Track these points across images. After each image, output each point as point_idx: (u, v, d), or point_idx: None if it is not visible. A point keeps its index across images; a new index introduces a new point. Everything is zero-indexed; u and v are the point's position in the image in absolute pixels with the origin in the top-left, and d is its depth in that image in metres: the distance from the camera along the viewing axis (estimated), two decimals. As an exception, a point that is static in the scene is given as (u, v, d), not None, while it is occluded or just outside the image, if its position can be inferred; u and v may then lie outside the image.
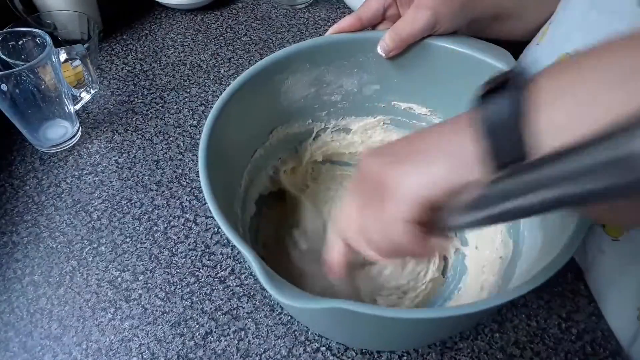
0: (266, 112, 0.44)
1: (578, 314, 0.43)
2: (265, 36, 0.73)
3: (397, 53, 0.43)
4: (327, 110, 0.48)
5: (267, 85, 0.43)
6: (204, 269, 0.46)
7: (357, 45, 0.44)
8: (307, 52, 0.43)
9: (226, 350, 0.41)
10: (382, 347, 0.41)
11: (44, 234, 0.48)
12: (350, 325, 0.35)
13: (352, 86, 0.47)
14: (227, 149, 0.39)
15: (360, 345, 0.41)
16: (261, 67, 0.41)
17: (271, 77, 0.42)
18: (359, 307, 0.27)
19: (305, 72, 0.44)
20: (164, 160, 0.56)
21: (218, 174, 0.36)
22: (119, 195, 0.52)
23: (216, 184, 0.34)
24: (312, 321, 0.39)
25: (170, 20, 0.76)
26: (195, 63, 0.68)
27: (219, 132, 0.37)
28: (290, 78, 0.44)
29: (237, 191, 0.42)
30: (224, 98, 0.39)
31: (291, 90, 0.45)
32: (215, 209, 0.32)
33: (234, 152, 0.41)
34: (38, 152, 0.56)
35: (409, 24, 0.41)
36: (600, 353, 0.41)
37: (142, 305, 0.44)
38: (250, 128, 0.43)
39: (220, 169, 0.36)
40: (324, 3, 0.80)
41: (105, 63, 0.68)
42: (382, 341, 0.39)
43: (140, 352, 0.41)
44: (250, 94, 0.41)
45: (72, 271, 0.46)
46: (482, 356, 0.41)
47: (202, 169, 0.34)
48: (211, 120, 0.37)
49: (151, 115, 0.60)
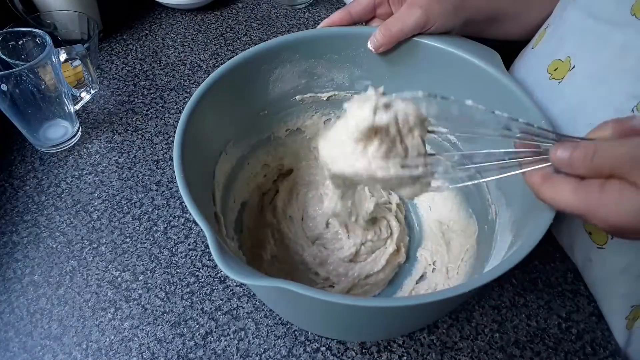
0: (255, 100, 0.45)
1: (578, 314, 0.43)
2: (265, 36, 0.73)
3: (387, 49, 0.43)
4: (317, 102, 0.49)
5: (255, 74, 0.43)
6: (204, 269, 0.46)
7: (347, 39, 0.44)
8: (296, 43, 0.44)
9: (226, 350, 0.41)
10: (336, 335, 0.41)
11: (44, 234, 0.48)
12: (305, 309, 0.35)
13: (344, 80, 0.47)
14: (204, 137, 0.39)
15: (322, 332, 0.41)
16: (250, 55, 0.42)
17: (260, 65, 0.43)
18: (298, 288, 0.27)
19: (295, 63, 0.45)
20: (164, 160, 0.56)
21: (194, 159, 0.36)
22: (119, 195, 0.52)
23: (192, 169, 0.35)
24: (276, 305, 0.40)
25: (170, 20, 0.76)
26: (195, 63, 0.68)
27: (198, 118, 0.37)
28: (279, 68, 0.44)
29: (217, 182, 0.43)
30: (208, 83, 0.39)
31: (280, 80, 0.45)
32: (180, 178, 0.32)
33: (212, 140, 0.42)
34: (38, 152, 0.56)
35: (400, 21, 0.42)
36: (600, 353, 0.41)
37: (142, 305, 0.44)
38: (235, 116, 0.43)
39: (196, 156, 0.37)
40: (324, 3, 0.80)
41: (105, 63, 0.68)
42: (335, 327, 0.39)
43: (140, 352, 0.41)
44: (237, 81, 0.41)
45: (72, 271, 0.46)
46: (482, 356, 0.41)
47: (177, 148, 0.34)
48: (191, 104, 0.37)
49: (151, 115, 0.60)
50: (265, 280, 0.28)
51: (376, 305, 0.28)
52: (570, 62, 0.40)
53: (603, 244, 0.41)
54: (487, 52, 0.42)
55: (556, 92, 0.41)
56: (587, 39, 0.39)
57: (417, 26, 0.42)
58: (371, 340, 0.42)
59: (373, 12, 0.46)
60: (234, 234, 0.44)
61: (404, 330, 0.41)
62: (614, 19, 0.37)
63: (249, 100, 0.44)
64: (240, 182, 0.46)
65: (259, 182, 0.49)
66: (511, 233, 0.36)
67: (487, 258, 0.38)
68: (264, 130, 0.48)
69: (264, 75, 0.44)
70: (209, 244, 0.29)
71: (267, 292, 0.36)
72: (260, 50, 0.42)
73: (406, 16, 0.41)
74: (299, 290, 0.27)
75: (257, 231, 0.47)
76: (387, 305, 0.29)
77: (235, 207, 0.46)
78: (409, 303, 0.29)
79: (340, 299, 0.28)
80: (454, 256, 0.45)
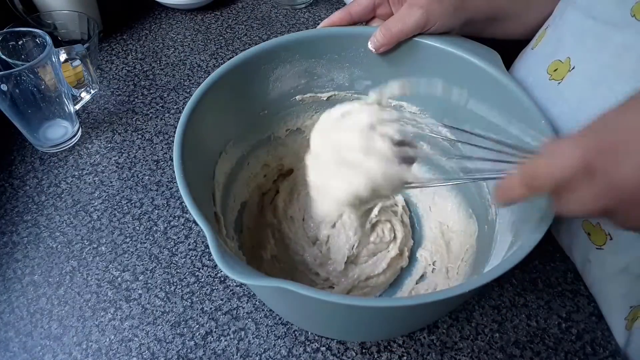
0: (255, 100, 0.45)
1: (578, 314, 0.43)
2: (265, 36, 0.73)
3: (387, 49, 0.43)
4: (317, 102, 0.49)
5: (255, 74, 0.43)
6: (204, 269, 0.46)
7: (347, 39, 0.44)
8: (296, 43, 0.44)
9: (226, 350, 0.41)
10: (336, 335, 0.41)
11: (44, 234, 0.48)
12: (305, 309, 0.35)
13: (344, 80, 0.47)
14: (204, 137, 0.39)
15: (322, 332, 0.41)
16: (250, 55, 0.42)
17: (260, 65, 0.43)
18: (298, 288, 0.27)
19: (295, 63, 0.45)
20: (164, 160, 0.56)
21: (194, 159, 0.36)
22: (119, 195, 0.52)
23: (192, 169, 0.35)
24: (276, 305, 0.40)
25: (170, 20, 0.76)
26: (195, 63, 0.68)
27: (198, 118, 0.37)
28: (279, 67, 0.44)
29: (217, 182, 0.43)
30: (208, 83, 0.39)
31: (280, 80, 0.45)
32: (180, 178, 0.32)
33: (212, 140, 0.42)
34: (38, 152, 0.56)
35: (400, 21, 0.42)
36: (600, 353, 0.41)
37: (142, 305, 0.44)
38: (235, 116, 0.44)
39: (196, 155, 0.37)
40: (324, 3, 0.80)
41: (105, 63, 0.68)
42: (335, 328, 0.39)
43: (140, 352, 0.41)
44: (237, 81, 0.42)
45: (72, 271, 0.46)
46: (482, 356, 0.41)
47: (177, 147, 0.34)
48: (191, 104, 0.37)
49: (151, 115, 0.60)
50: (266, 280, 0.28)
51: (376, 305, 0.28)
52: (570, 62, 0.40)
53: (602, 245, 0.41)
54: (487, 52, 0.42)
55: (556, 93, 0.41)
56: (587, 40, 0.39)
57: (417, 26, 0.42)
58: (371, 340, 0.42)
59: (373, 12, 0.46)
60: (234, 234, 0.44)
61: (404, 330, 0.41)
62: (613, 20, 0.37)
63: (249, 100, 0.44)
64: (240, 182, 0.46)
65: (259, 182, 0.49)
66: (511, 233, 0.36)
67: (487, 258, 0.38)
68: (264, 130, 0.48)
69: (264, 75, 0.44)
70: (209, 244, 0.29)
71: (267, 292, 0.36)
72: (260, 51, 0.42)
73: (406, 16, 0.42)
74: (299, 290, 0.27)
75: (257, 231, 0.47)
76: (387, 305, 0.29)
77: (235, 207, 0.46)
78: (408, 303, 0.29)
79: (340, 299, 0.28)
80: (454, 256, 0.45)
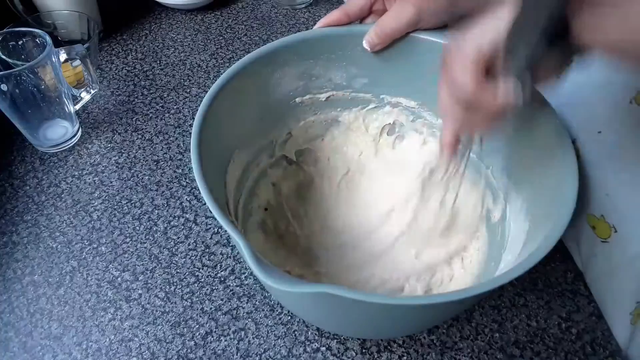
0: (258, 104, 0.45)
1: (578, 314, 0.43)
2: (265, 36, 0.73)
3: (382, 47, 0.43)
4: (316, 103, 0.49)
5: (257, 78, 0.43)
6: (204, 269, 0.46)
7: (344, 38, 0.44)
8: (293, 45, 0.43)
9: (226, 350, 0.41)
10: (373, 335, 0.41)
11: (44, 234, 0.48)
12: (340, 311, 0.35)
13: (341, 79, 0.47)
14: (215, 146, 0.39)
15: (353, 333, 0.41)
16: (249, 60, 0.41)
17: (259, 70, 0.43)
18: (345, 292, 0.26)
19: (293, 65, 0.44)
20: (164, 160, 0.56)
21: (210, 161, 0.36)
22: (119, 195, 0.52)
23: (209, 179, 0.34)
24: (302, 309, 0.39)
25: (170, 20, 0.76)
26: (195, 63, 0.68)
27: (210, 124, 0.37)
28: (278, 71, 0.44)
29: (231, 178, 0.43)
30: (215, 89, 0.39)
31: (280, 83, 0.45)
32: (205, 190, 0.32)
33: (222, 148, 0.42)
34: (38, 152, 0.56)
35: (393, 20, 0.42)
36: (600, 353, 0.41)
37: (142, 305, 0.44)
38: (241, 121, 0.43)
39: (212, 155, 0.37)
40: (324, 3, 0.80)
41: (105, 63, 0.68)
42: (373, 328, 0.39)
43: (140, 352, 0.41)
44: (242, 85, 0.42)
45: (72, 271, 0.46)
46: (482, 356, 0.41)
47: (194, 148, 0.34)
48: (203, 109, 0.37)
49: (151, 115, 0.60)
50: (309, 287, 0.27)
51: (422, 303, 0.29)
52: None
53: (607, 238, 0.41)
54: None
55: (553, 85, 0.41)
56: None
57: (410, 24, 0.42)
58: (394, 337, 0.42)
59: (369, 11, 0.46)
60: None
61: (429, 325, 0.42)
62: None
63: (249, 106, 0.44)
64: (253, 187, 0.46)
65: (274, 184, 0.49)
66: (526, 221, 0.36)
67: (503, 245, 0.38)
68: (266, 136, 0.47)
69: (265, 79, 0.44)
70: (245, 256, 0.28)
71: (298, 298, 0.35)
72: (260, 54, 0.42)
73: (399, 14, 0.42)
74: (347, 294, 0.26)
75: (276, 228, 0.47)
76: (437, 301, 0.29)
77: (260, 211, 0.46)
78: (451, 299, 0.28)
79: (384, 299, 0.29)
80: (465, 244, 0.45)
